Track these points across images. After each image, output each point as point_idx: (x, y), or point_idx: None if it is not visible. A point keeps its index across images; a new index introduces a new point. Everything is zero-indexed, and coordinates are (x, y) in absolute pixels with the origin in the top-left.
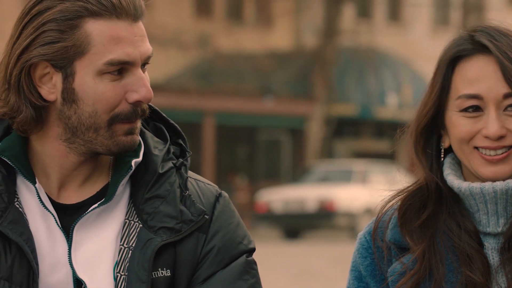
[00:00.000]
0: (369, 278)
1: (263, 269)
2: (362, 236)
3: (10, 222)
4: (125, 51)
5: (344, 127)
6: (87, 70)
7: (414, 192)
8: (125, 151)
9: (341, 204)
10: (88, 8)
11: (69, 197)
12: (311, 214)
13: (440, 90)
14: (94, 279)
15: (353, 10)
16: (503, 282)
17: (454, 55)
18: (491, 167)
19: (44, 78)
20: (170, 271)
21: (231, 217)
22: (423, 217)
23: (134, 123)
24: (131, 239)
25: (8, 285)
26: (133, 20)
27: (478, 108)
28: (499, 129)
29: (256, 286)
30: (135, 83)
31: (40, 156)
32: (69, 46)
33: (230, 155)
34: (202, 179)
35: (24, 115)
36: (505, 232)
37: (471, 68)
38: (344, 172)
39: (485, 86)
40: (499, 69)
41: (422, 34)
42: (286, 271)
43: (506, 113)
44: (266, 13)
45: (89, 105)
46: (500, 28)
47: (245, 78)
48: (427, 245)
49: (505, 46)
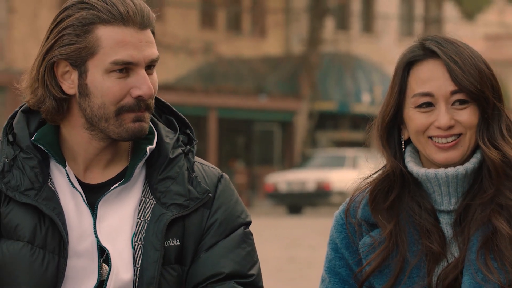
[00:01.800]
0: (344, 249)
1: (261, 240)
2: (338, 214)
3: (45, 199)
4: (129, 53)
5: (326, 121)
6: (97, 69)
7: (382, 179)
8: (136, 137)
9: (335, 185)
10: (99, 16)
11: (93, 178)
12: (310, 193)
13: (399, 90)
14: (115, 247)
15: (333, 23)
16: (456, 251)
17: (408, 60)
18: (443, 153)
19: (65, 75)
20: (179, 241)
21: (231, 195)
22: (390, 199)
23: (140, 112)
24: (146, 213)
25: (43, 252)
26: (139, 28)
27: (430, 104)
28: (448, 120)
29: (252, 253)
30: (138, 81)
31: (68, 143)
32: (82, 48)
33: (230, 144)
34: (207, 163)
35: (47, 105)
36: (456, 210)
37: (423, 71)
38: (338, 158)
39: (436, 85)
40: (447, 70)
41: (390, 43)
42: (279, 241)
43: (454, 107)
44: (260, 25)
45: (98, 97)
46: (446, 37)
47: (242, 79)
48: (393, 224)
49: (450, 52)
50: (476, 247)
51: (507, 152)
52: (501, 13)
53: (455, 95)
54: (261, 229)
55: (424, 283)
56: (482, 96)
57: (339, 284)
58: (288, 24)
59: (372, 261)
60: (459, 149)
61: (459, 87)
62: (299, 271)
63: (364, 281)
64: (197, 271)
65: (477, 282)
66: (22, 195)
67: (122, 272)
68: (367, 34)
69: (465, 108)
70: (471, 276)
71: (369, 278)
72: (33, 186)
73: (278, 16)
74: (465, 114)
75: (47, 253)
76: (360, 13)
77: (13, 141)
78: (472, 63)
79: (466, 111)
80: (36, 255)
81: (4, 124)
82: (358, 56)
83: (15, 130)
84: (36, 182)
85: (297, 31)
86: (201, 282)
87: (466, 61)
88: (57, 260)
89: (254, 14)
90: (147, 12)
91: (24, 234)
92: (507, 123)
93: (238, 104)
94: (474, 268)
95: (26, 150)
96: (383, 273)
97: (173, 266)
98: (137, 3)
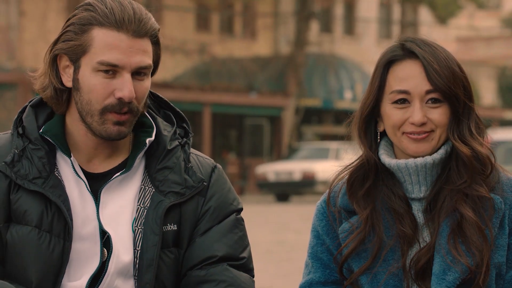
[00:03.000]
0: (325, 236)
1: (252, 225)
2: (319, 204)
3: (51, 187)
4: (116, 57)
5: (311, 116)
6: (87, 66)
7: (358, 167)
8: (111, 139)
9: (320, 175)
10: (97, 19)
11: (96, 168)
12: (297, 182)
13: (378, 87)
14: (117, 231)
15: (318, 25)
16: (427, 236)
17: (388, 59)
18: (415, 144)
19: (66, 69)
20: (176, 226)
21: (224, 183)
22: (366, 187)
23: (123, 116)
24: (146, 200)
25: (49, 236)
26: (133, 35)
27: (406, 100)
28: (422, 117)
29: (243, 238)
30: (122, 84)
31: (72, 135)
32: (78, 45)
33: (223, 137)
34: (202, 154)
35: (47, 93)
36: (426, 197)
37: (401, 70)
38: (322, 150)
39: (412, 84)
40: (424, 70)
41: (370, 44)
42: (268, 225)
43: (428, 105)
44: (251, 27)
45: (86, 93)
46: (424, 39)
47: (234, 78)
48: (370, 209)
49: (428, 54)
50: (446, 232)
51: (475, 147)
52: (471, 17)
53: (429, 94)
54: (251, 215)
55: (399, 265)
56: (454, 96)
57: (321, 269)
58: (276, 27)
59: (350, 243)
60: (430, 142)
61: (434, 87)
62: (287, 253)
63: (343, 262)
64: (192, 254)
65: (447, 263)
66: (31, 183)
67: (123, 254)
68: (349, 36)
69: (437, 107)
70: (441, 258)
71: (348, 261)
72: (40, 175)
73: (267, 19)
74: (437, 113)
75: (53, 237)
76: (342, 17)
77: (23, 134)
78: (446, 65)
79: (438, 110)
80: (43, 239)
81: (14, 118)
82: (340, 56)
83: (24, 123)
84: (43, 171)
85: (284, 33)
86: (197, 264)
87: (442, 63)
88: (62, 243)
89: (245, 18)
90: (145, 22)
91: (32, 219)
92: (476, 121)
93: (230, 101)
94: (444, 251)
95: (35, 142)
96: (360, 256)
97: (170, 249)
98: (138, 12)
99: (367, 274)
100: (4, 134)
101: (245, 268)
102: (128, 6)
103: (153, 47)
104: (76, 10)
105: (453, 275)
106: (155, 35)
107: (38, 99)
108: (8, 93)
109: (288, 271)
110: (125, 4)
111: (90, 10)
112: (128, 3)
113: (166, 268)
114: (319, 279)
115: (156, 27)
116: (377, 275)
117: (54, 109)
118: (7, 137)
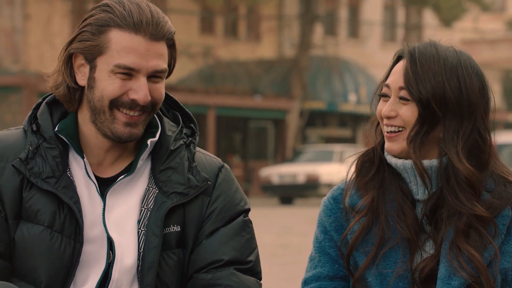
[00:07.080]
0: (333, 232)
1: (256, 227)
2: (327, 200)
3: (64, 187)
4: (133, 60)
5: (315, 119)
6: (104, 66)
7: (365, 152)
8: (123, 141)
9: (324, 178)
10: (115, 20)
11: (104, 172)
12: (301, 185)
13: (385, 79)
14: (122, 235)
15: (322, 28)
16: (431, 245)
17: (398, 55)
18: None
19: (81, 68)
20: (180, 227)
21: (231, 184)
22: (372, 171)
23: (135, 117)
24: (150, 202)
25: (60, 236)
26: (150, 38)
27: (387, 95)
28: (388, 111)
29: (251, 241)
30: (137, 86)
31: (85, 136)
32: (94, 45)
33: (228, 140)
34: (210, 154)
35: (59, 91)
36: (429, 200)
37: (396, 66)
38: (326, 153)
39: (393, 78)
40: (404, 68)
41: (374, 47)
42: (272, 228)
43: (400, 101)
44: (255, 30)
45: (99, 90)
46: (436, 46)
47: (239, 81)
48: (376, 193)
49: (420, 57)
50: (451, 236)
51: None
52: (475, 20)
53: (401, 91)
54: (256, 218)
55: (407, 267)
56: (424, 103)
57: (329, 263)
58: (280, 30)
59: (356, 225)
60: (399, 142)
61: (405, 85)
62: (291, 256)
63: (350, 253)
64: (199, 256)
65: (453, 267)
66: (44, 182)
67: (126, 258)
68: (353, 39)
69: (406, 104)
70: (447, 263)
71: (353, 253)
72: (53, 175)
73: (271, 22)
74: (403, 109)
75: (64, 238)
76: (347, 20)
77: (37, 131)
78: (432, 75)
79: (406, 106)
80: (55, 239)
81: (28, 114)
82: (345, 59)
83: (39, 120)
84: (56, 171)
85: (289, 36)
86: (203, 267)
87: (428, 71)
88: (73, 245)
89: (249, 21)
90: (163, 25)
91: (44, 219)
92: (474, 141)
93: (235, 104)
94: (450, 256)
95: (49, 141)
96: (366, 242)
97: (173, 251)
98: (156, 15)
99: (375, 275)
100: (15, 129)
101: (252, 271)
102: (146, 8)
103: (168, 51)
104: (93, 11)
105: (459, 280)
106: (171, 38)
107: (52, 97)
108: (13, 96)
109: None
110: (143, 6)
111: (108, 12)
112: (146, 5)
113: (169, 270)
114: (328, 273)
115: (172, 30)
116: (386, 277)
117: (65, 107)
118: (19, 133)
